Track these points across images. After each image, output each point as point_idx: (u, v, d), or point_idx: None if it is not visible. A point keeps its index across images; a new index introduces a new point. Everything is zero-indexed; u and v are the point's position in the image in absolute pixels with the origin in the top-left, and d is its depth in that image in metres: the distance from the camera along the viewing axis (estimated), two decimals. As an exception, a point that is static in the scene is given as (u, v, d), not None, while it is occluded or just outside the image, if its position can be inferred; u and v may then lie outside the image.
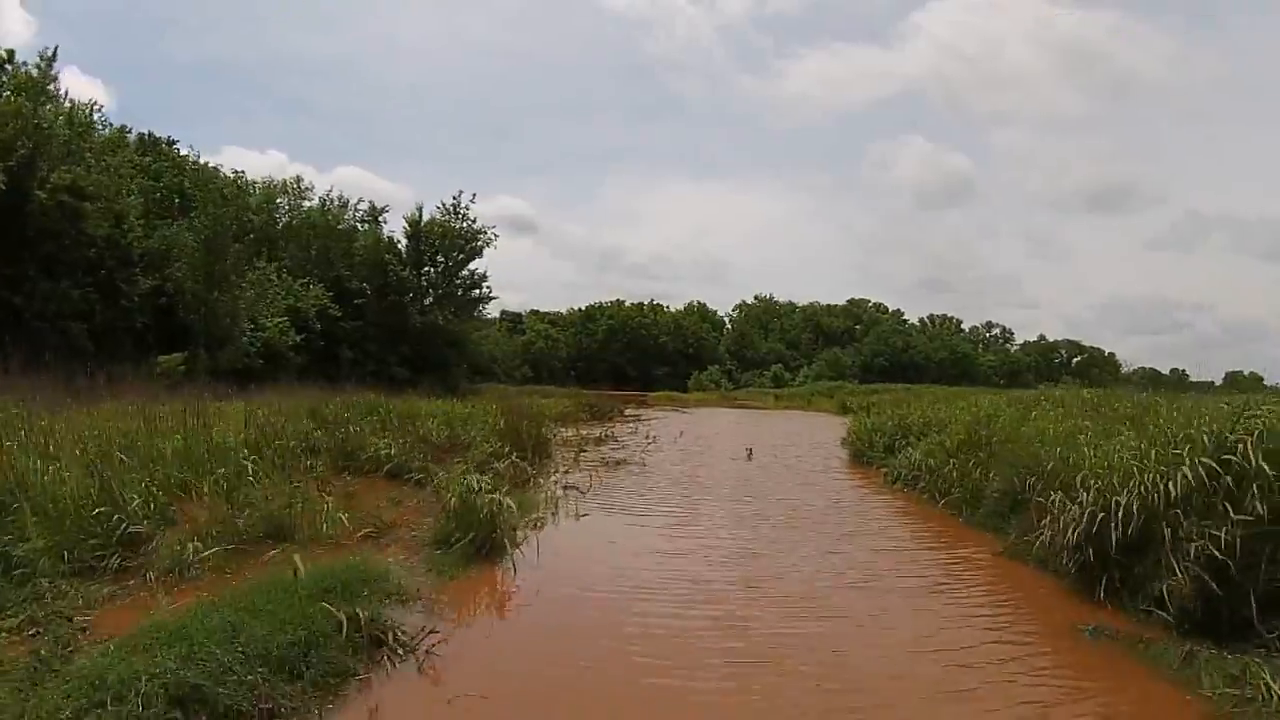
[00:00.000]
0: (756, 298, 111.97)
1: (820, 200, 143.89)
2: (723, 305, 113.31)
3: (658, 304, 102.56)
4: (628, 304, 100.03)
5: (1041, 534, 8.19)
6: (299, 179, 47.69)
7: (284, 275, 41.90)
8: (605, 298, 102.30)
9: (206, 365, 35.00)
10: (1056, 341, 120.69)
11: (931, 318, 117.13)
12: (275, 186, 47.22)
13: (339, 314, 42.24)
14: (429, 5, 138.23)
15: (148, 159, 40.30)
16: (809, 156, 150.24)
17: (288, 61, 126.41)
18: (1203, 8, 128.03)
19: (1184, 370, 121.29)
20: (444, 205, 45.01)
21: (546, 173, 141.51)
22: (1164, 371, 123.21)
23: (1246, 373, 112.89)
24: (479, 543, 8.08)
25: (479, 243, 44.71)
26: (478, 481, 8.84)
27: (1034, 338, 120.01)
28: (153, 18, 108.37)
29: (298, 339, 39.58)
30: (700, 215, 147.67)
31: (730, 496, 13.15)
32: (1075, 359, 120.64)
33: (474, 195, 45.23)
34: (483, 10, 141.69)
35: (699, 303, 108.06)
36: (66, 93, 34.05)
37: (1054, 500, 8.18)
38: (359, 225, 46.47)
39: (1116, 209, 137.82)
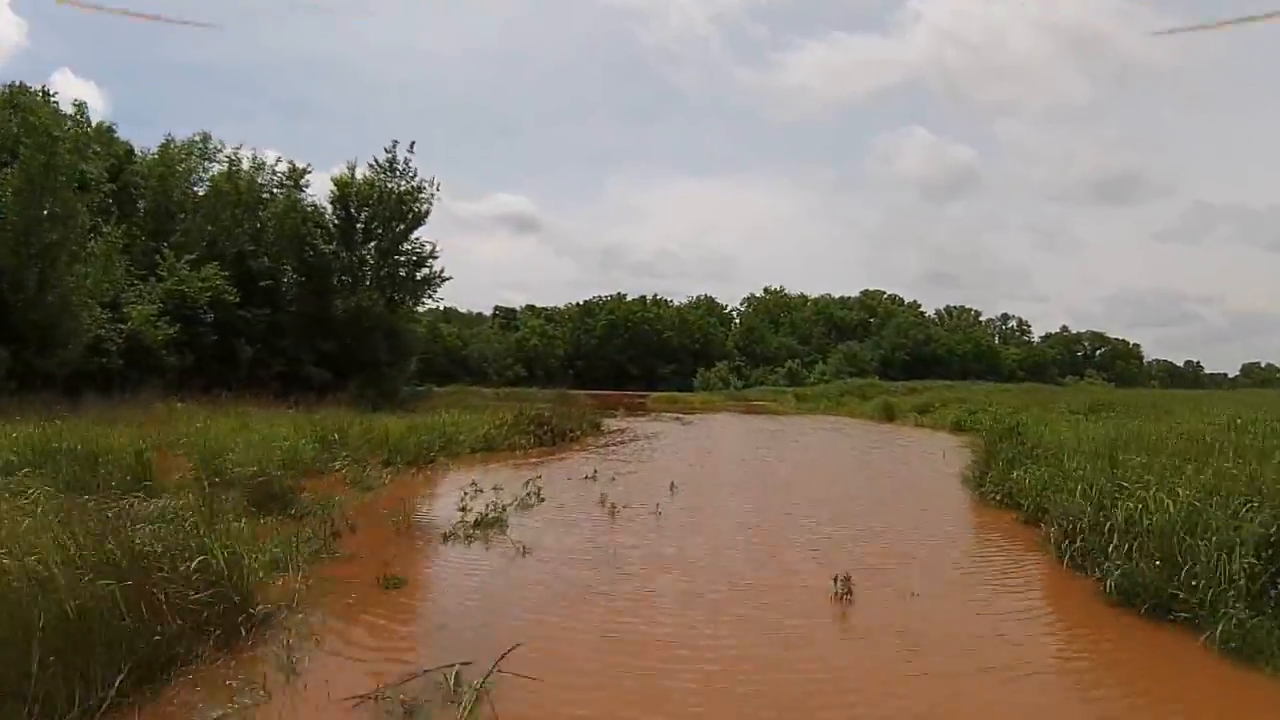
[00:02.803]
0: (766, 290, 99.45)
1: (823, 194, 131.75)
2: (729, 301, 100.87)
3: (661, 298, 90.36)
4: (629, 298, 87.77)
5: None
6: (206, 136, 35.53)
7: (167, 252, 30.21)
8: (607, 293, 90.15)
9: (17, 367, 23.28)
10: (1080, 334, 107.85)
11: (949, 309, 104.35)
12: (176, 149, 35.05)
13: (237, 299, 30.17)
14: (425, 4, 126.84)
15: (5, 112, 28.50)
16: (811, 150, 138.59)
17: (285, 62, 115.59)
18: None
19: (1198, 363, 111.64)
20: (377, 162, 32.90)
21: (547, 171, 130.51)
22: (1179, 364, 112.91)
23: (1263, 364, 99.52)
24: None
25: (421, 203, 32.59)
26: None
27: (1045, 331, 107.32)
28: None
29: (171, 332, 27.75)
30: (703, 211, 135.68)
31: None
32: (1099, 351, 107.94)
33: (412, 144, 32.97)
34: (479, 8, 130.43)
35: (706, 296, 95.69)
36: None
37: None
38: (274, 191, 34.32)
39: (1124, 200, 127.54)
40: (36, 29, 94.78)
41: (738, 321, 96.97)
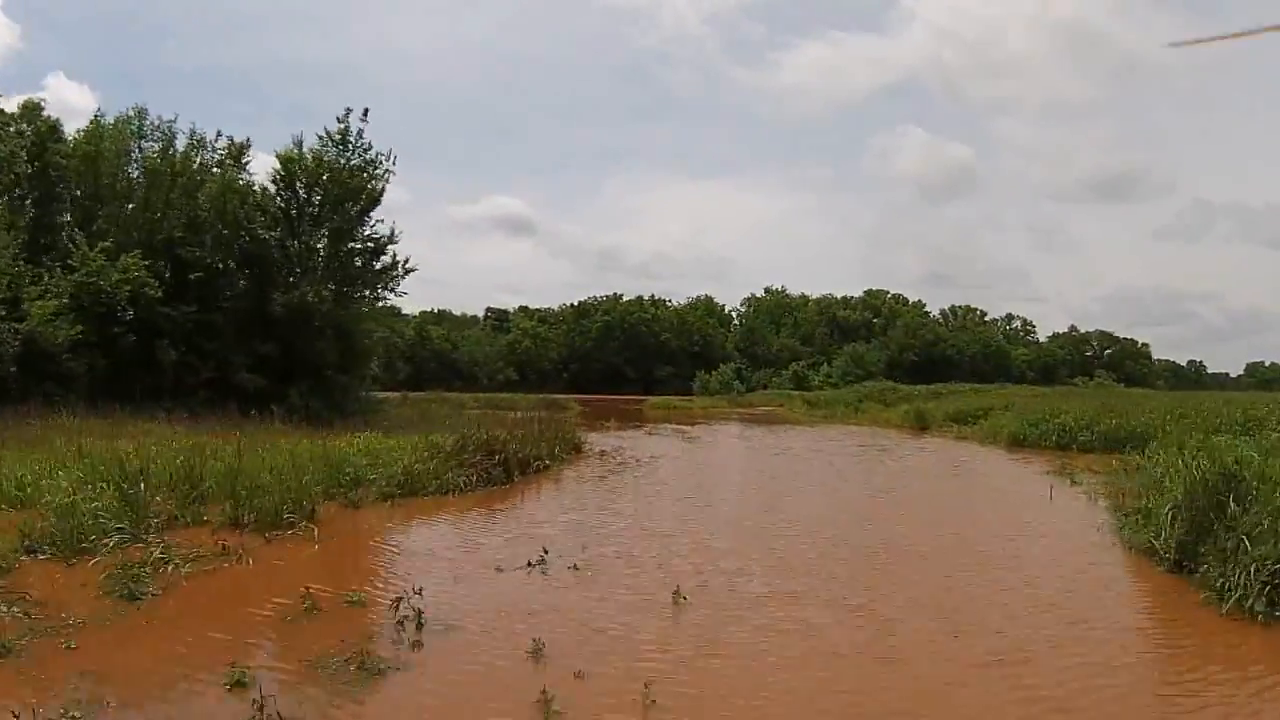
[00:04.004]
0: (767, 290, 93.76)
1: (821, 194, 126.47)
2: (728, 302, 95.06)
3: (659, 298, 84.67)
4: (625, 298, 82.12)
5: None
6: (142, 112, 29.80)
7: (79, 238, 24.94)
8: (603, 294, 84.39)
9: None
10: (1088, 333, 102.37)
11: (953, 309, 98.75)
12: (106, 126, 29.33)
13: (159, 294, 24.56)
14: (422, 8, 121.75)
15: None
16: (808, 150, 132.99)
17: (282, 65, 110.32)
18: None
19: (1201, 362, 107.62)
20: (327, 133, 27.27)
21: (543, 173, 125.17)
22: (1181, 364, 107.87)
23: (1267, 363, 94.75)
24: None
25: (376, 180, 27.07)
26: None
27: (1045, 332, 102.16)
28: (146, 24, 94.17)
29: (74, 332, 22.39)
30: (700, 213, 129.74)
31: None
32: (1108, 350, 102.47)
33: (365, 112, 27.40)
34: (475, 11, 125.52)
35: (705, 296, 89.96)
36: None
37: None
38: (215, 171, 28.66)
39: (1123, 198, 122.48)
40: (30, 32, 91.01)
41: (738, 322, 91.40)
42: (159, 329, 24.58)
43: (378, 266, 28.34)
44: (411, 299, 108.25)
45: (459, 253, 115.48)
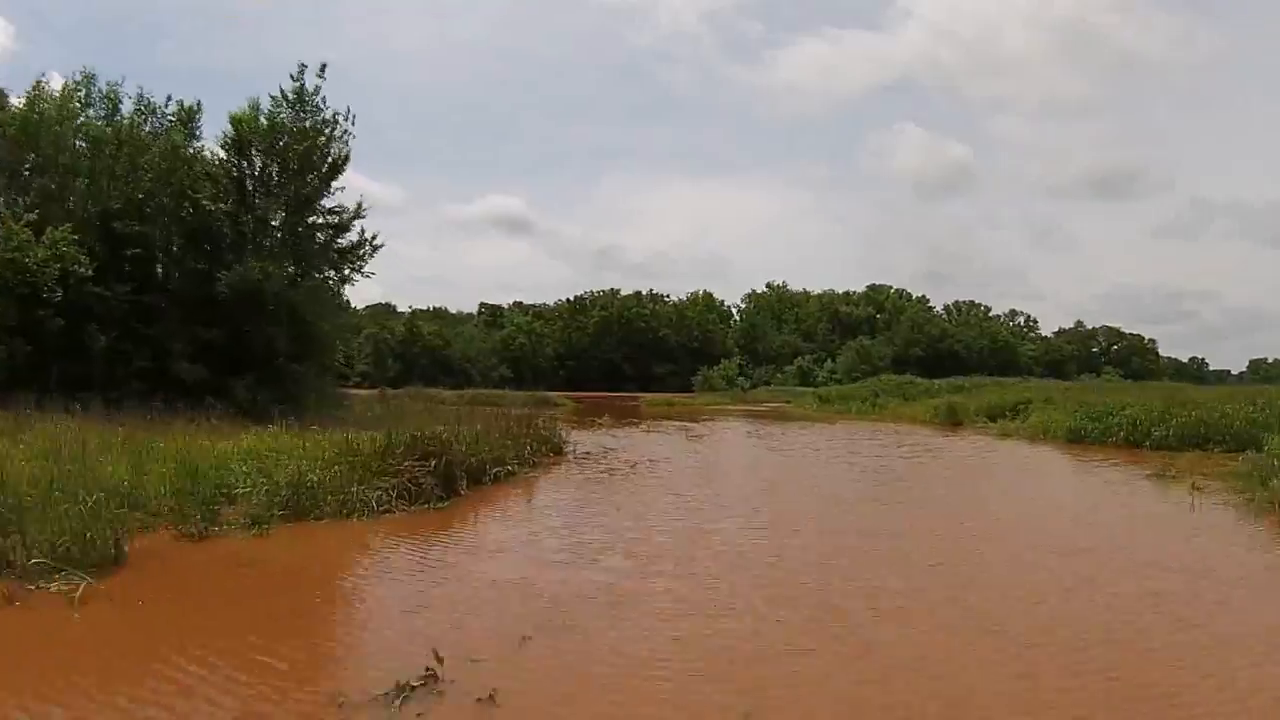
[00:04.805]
0: (769, 286, 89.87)
1: (817, 193, 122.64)
2: (727, 299, 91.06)
3: (657, 293, 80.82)
4: (623, 293, 78.28)
5: None
6: (89, 77, 25.97)
7: (4, 211, 21.40)
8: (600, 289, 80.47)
9: None
10: (1094, 329, 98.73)
11: (957, 305, 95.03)
12: (49, 93, 25.47)
13: (90, 272, 20.84)
14: (417, 7, 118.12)
15: None
16: (804, 148, 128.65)
17: (279, 65, 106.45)
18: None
19: (1204, 359, 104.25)
20: (281, 93, 23.50)
21: (540, 173, 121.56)
22: (1183, 360, 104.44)
23: (1270, 360, 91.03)
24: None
25: (336, 144, 23.35)
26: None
27: (1048, 330, 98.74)
28: (142, 24, 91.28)
29: (-17, 316, 18.66)
30: (697, 212, 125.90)
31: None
32: (1114, 347, 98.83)
33: (323, 66, 23.64)
34: (471, 11, 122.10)
35: (705, 292, 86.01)
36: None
37: None
38: (161, 137, 24.86)
39: (1121, 196, 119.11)
40: (23, 31, 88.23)
41: (738, 318, 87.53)
42: (90, 311, 20.90)
43: (341, 244, 24.60)
44: (407, 298, 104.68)
45: (456, 253, 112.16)
